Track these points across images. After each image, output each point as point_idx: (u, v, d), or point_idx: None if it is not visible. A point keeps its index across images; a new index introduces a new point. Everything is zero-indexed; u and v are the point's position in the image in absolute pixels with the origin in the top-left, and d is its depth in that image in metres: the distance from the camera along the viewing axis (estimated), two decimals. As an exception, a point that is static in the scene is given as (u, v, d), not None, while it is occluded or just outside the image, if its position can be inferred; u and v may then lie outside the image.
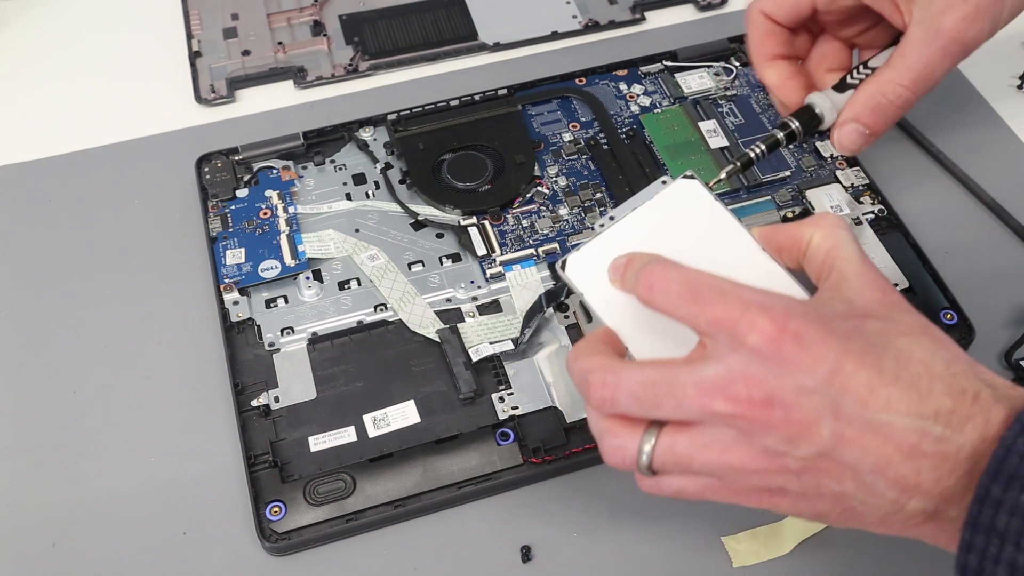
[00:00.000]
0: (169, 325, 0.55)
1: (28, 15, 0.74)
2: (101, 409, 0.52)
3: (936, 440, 0.32)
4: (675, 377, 0.34)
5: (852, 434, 0.32)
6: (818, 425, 0.32)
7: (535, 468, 0.48)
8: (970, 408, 0.32)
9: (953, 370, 0.33)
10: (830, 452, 0.33)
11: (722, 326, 0.34)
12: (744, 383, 0.33)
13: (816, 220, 0.38)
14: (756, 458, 0.34)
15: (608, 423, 0.36)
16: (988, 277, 0.56)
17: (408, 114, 0.63)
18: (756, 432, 0.33)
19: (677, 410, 0.34)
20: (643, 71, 0.67)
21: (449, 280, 0.56)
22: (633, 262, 0.39)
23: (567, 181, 0.60)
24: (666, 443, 0.35)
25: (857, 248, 0.37)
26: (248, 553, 0.47)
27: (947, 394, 0.32)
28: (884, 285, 0.36)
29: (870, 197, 0.59)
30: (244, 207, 0.59)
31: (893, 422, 0.32)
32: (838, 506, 0.34)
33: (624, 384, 0.35)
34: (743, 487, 0.35)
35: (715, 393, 0.33)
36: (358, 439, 0.50)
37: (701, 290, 0.35)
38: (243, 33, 0.72)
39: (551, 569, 0.46)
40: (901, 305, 0.36)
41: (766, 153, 0.46)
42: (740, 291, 0.34)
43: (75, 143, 0.65)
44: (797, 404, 0.32)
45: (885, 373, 0.32)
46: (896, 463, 0.32)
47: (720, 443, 0.34)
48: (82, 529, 0.48)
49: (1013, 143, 0.63)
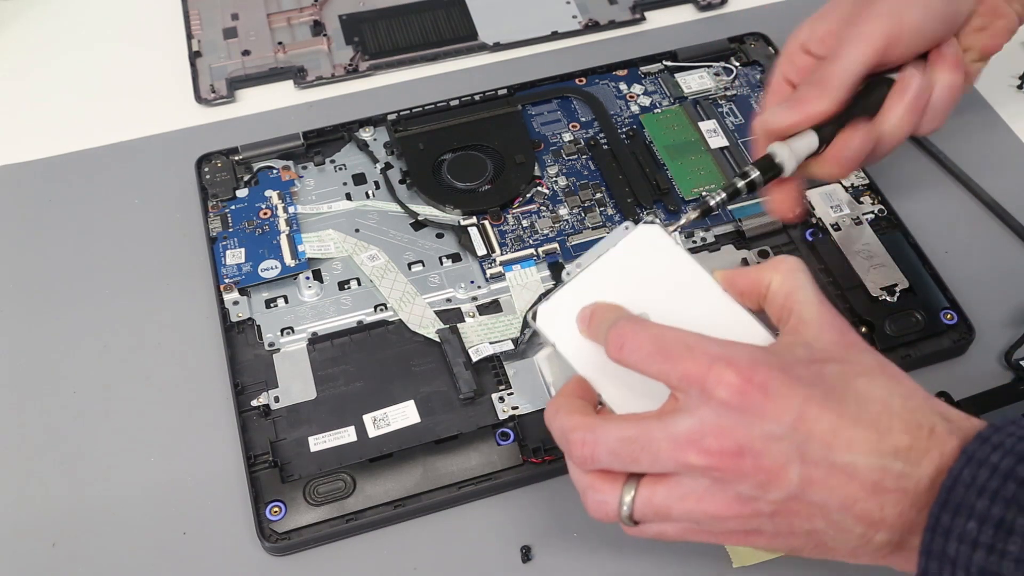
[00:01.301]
0: (169, 325, 0.55)
1: (28, 15, 0.74)
2: (101, 409, 0.52)
3: (897, 476, 0.34)
4: (650, 433, 0.36)
5: (819, 476, 0.34)
6: (787, 470, 0.34)
7: (535, 468, 0.48)
8: (927, 443, 0.34)
9: (910, 406, 0.35)
10: (799, 495, 0.34)
11: (691, 381, 0.35)
12: (715, 435, 0.35)
13: (775, 264, 0.40)
14: (731, 505, 0.36)
15: (590, 479, 0.38)
16: (988, 277, 0.56)
17: (408, 114, 0.63)
18: (729, 481, 0.35)
19: (654, 464, 0.36)
20: (643, 71, 0.67)
21: (449, 280, 0.56)
22: (597, 313, 0.40)
23: (567, 181, 0.60)
24: (645, 495, 0.37)
25: (815, 290, 0.39)
26: (248, 553, 0.47)
27: (905, 431, 0.34)
28: (842, 326, 0.38)
29: (870, 197, 0.59)
30: (244, 207, 0.59)
31: (856, 462, 0.34)
32: (811, 542, 0.36)
33: (603, 442, 0.37)
34: (720, 530, 0.37)
35: (688, 447, 0.35)
36: (358, 439, 0.50)
37: (669, 347, 0.36)
38: (243, 33, 0.72)
39: (551, 569, 0.46)
40: (859, 345, 0.37)
41: (726, 201, 0.46)
42: (706, 345, 0.36)
43: (75, 143, 0.65)
44: (766, 451, 0.34)
45: (846, 415, 0.34)
46: (861, 500, 0.34)
47: (695, 493, 0.36)
48: (82, 529, 0.48)
49: (1013, 143, 0.63)
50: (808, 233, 0.57)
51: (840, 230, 0.57)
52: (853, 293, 0.54)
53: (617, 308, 0.40)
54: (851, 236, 0.57)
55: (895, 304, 0.54)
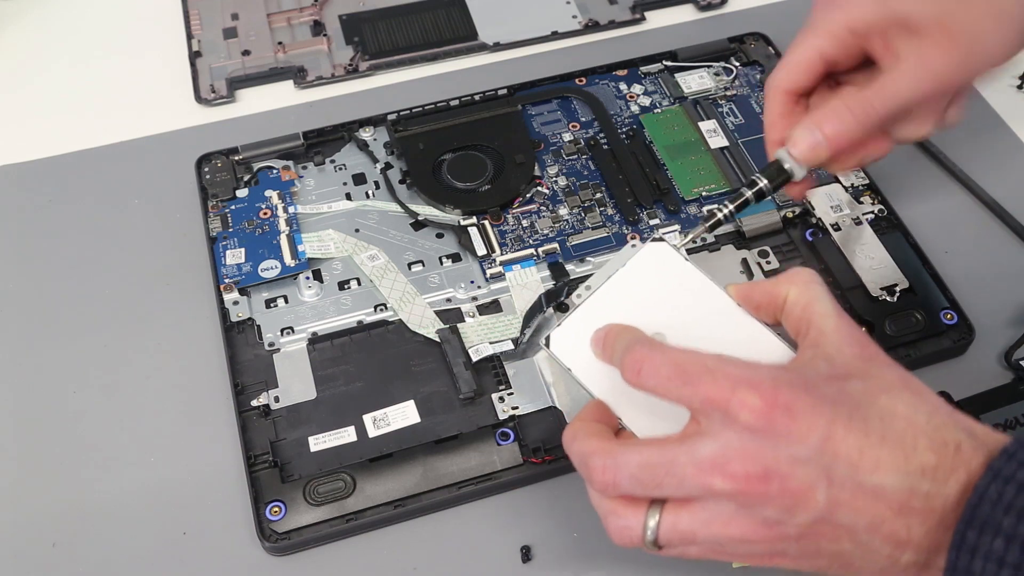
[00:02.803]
0: (169, 325, 0.55)
1: (28, 15, 0.74)
2: (101, 409, 0.52)
3: (924, 496, 0.33)
4: (673, 457, 0.35)
5: (846, 498, 0.34)
6: (813, 492, 0.34)
7: (535, 468, 0.48)
8: (953, 460, 0.34)
9: (935, 423, 0.34)
10: (826, 517, 0.34)
11: (714, 405, 0.35)
12: (740, 460, 0.34)
13: (790, 277, 0.39)
14: (757, 529, 0.35)
15: (611, 504, 0.38)
16: (988, 277, 0.56)
17: (408, 114, 0.63)
18: (755, 505, 0.34)
19: (678, 489, 0.36)
20: (643, 71, 0.67)
21: (449, 280, 0.56)
22: (611, 335, 0.40)
23: (567, 181, 0.60)
24: (670, 521, 0.36)
25: (832, 302, 0.38)
26: (248, 553, 0.47)
27: (931, 449, 0.34)
28: (862, 338, 0.37)
29: (870, 197, 0.59)
30: (244, 207, 0.59)
31: (884, 483, 0.33)
32: (837, 563, 0.36)
33: (624, 468, 0.36)
34: (745, 552, 0.36)
35: (713, 471, 0.34)
36: (358, 439, 0.50)
37: (688, 371, 0.36)
38: (243, 33, 0.72)
39: (551, 569, 0.46)
40: (880, 358, 0.37)
41: (734, 212, 0.46)
42: (726, 367, 0.35)
43: (75, 143, 0.65)
44: (792, 474, 0.34)
45: (872, 434, 0.34)
46: (889, 521, 0.34)
47: (720, 518, 0.35)
48: (82, 529, 0.48)
49: (1013, 143, 0.63)
50: (808, 233, 0.57)
51: (840, 230, 0.57)
52: (853, 293, 0.54)
53: (631, 330, 0.40)
54: (851, 236, 0.57)
55: (895, 304, 0.54)
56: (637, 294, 0.42)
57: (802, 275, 0.39)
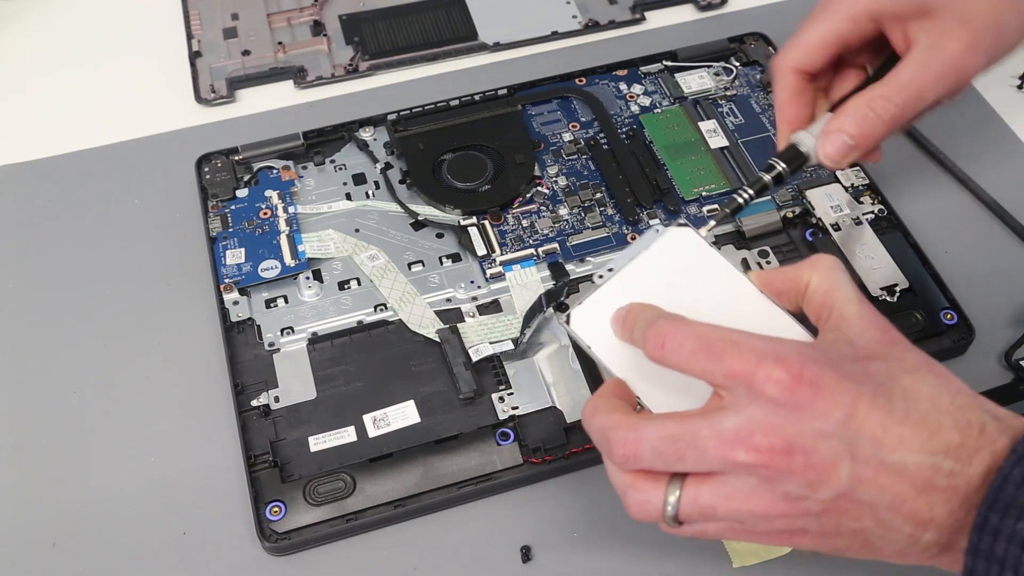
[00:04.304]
0: (169, 325, 0.55)
1: (28, 15, 0.74)
2: (101, 409, 0.52)
3: (947, 475, 0.33)
4: (695, 430, 0.35)
5: (869, 474, 0.33)
6: (837, 468, 0.33)
7: (535, 468, 0.48)
8: (977, 440, 0.33)
9: (958, 403, 0.34)
10: (849, 493, 0.34)
11: (738, 379, 0.34)
12: (764, 433, 0.34)
13: (813, 263, 0.39)
14: (778, 504, 0.35)
15: (631, 478, 0.37)
16: (988, 277, 0.56)
17: (408, 114, 0.63)
18: (777, 479, 0.34)
19: (699, 462, 0.35)
20: (643, 71, 0.67)
21: (449, 280, 0.56)
22: (632, 313, 0.40)
23: (567, 181, 0.60)
24: (691, 495, 0.36)
25: (854, 288, 0.38)
26: (248, 553, 0.47)
27: (955, 428, 0.33)
28: (883, 324, 0.37)
29: (870, 197, 0.59)
30: (244, 207, 0.59)
31: (907, 460, 0.33)
32: (857, 541, 0.35)
33: (646, 441, 0.36)
34: (765, 529, 0.36)
35: (736, 444, 0.34)
36: (358, 439, 0.50)
37: (713, 344, 0.35)
38: (243, 33, 0.72)
39: (551, 569, 0.46)
40: (902, 343, 0.37)
41: (754, 197, 0.46)
42: (752, 342, 0.35)
43: (75, 143, 0.65)
44: (816, 449, 0.33)
45: (895, 412, 0.34)
46: (911, 499, 0.33)
47: (742, 492, 0.35)
48: (82, 529, 0.48)
49: (1013, 143, 0.63)
50: (808, 233, 0.57)
51: (840, 230, 0.57)
52: (853, 293, 0.54)
53: (653, 307, 0.39)
54: (851, 236, 0.57)
55: (895, 304, 0.54)
56: (659, 277, 0.42)
57: (824, 261, 0.39)
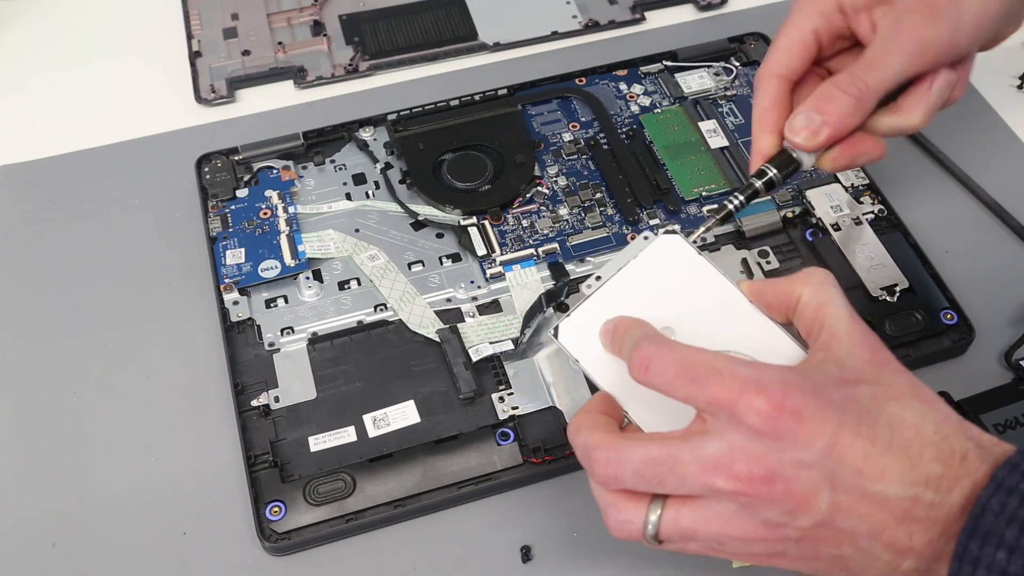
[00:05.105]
0: (169, 325, 0.55)
1: (28, 15, 0.74)
2: (101, 409, 0.52)
3: (927, 506, 0.33)
4: (677, 455, 0.35)
5: (849, 504, 0.34)
6: (816, 497, 0.34)
7: (535, 468, 0.48)
8: (958, 470, 0.34)
9: (943, 432, 0.34)
10: (828, 521, 0.34)
11: (721, 406, 0.35)
12: (745, 461, 0.34)
13: (805, 277, 0.39)
14: (757, 529, 0.35)
15: (612, 497, 0.38)
16: (988, 277, 0.56)
17: (408, 114, 0.63)
18: (757, 506, 0.34)
19: (680, 486, 0.36)
20: (643, 71, 0.67)
21: (449, 280, 0.56)
22: (619, 328, 0.40)
23: (567, 181, 0.60)
24: (671, 517, 0.36)
25: (845, 304, 0.38)
26: (248, 553, 0.47)
27: (937, 459, 0.34)
28: (873, 343, 0.37)
29: (870, 197, 0.59)
30: (244, 207, 0.59)
31: (887, 491, 0.33)
32: (836, 566, 0.36)
33: (628, 463, 0.36)
34: (744, 552, 0.37)
35: (717, 471, 0.34)
36: (358, 439, 0.50)
37: (696, 371, 0.35)
38: (243, 33, 0.72)
39: (551, 569, 0.46)
40: (891, 364, 0.37)
41: (745, 203, 0.45)
42: (735, 369, 0.35)
43: (75, 143, 0.65)
44: (796, 478, 0.34)
45: (879, 442, 0.34)
46: (890, 528, 0.34)
47: (722, 516, 0.35)
48: (82, 529, 0.48)
49: (1013, 143, 0.63)
50: (808, 233, 0.57)
51: (840, 230, 0.57)
52: (853, 293, 0.54)
53: (640, 324, 0.39)
54: (851, 236, 0.57)
55: (895, 304, 0.54)
56: (648, 286, 0.41)
57: (816, 275, 0.39)
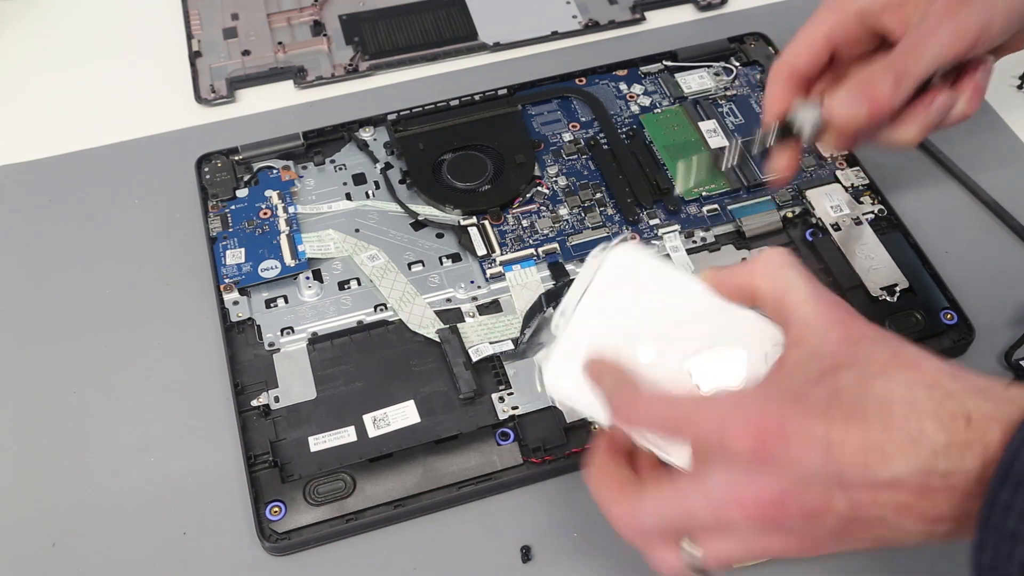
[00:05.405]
0: (169, 325, 0.55)
1: (28, 15, 0.74)
2: (101, 409, 0.52)
3: (942, 475, 0.33)
4: (686, 500, 0.36)
5: (865, 497, 0.33)
6: (832, 503, 0.33)
7: (535, 468, 0.48)
8: (965, 434, 0.33)
9: (936, 398, 0.33)
10: (854, 516, 0.34)
11: (707, 443, 0.35)
12: (750, 490, 0.34)
13: (759, 268, 0.38)
14: (788, 540, 0.35)
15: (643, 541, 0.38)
16: (988, 277, 0.56)
17: (408, 114, 0.63)
18: (780, 525, 0.35)
19: (702, 527, 0.36)
20: (643, 71, 0.67)
21: (449, 280, 0.56)
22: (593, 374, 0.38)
23: (567, 181, 0.60)
24: (708, 551, 0.36)
25: (806, 284, 0.37)
26: (248, 553, 0.47)
27: (940, 429, 0.33)
28: (843, 316, 0.36)
29: (870, 197, 0.59)
30: (244, 207, 0.59)
31: (897, 473, 0.33)
32: (876, 543, 0.35)
33: (647, 519, 0.37)
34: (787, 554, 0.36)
35: (728, 506, 0.35)
36: (358, 439, 0.50)
37: (674, 416, 0.35)
38: (243, 33, 0.72)
39: (551, 569, 0.46)
40: (866, 337, 0.36)
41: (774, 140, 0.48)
42: (710, 404, 0.35)
43: (75, 143, 0.65)
44: (804, 494, 0.34)
45: (873, 428, 0.33)
46: (913, 504, 0.33)
47: (751, 539, 0.36)
48: (82, 529, 0.48)
49: (1013, 143, 0.63)
50: (808, 233, 0.57)
51: (840, 230, 0.57)
52: (853, 293, 0.54)
53: (612, 368, 0.38)
54: (851, 236, 0.57)
55: (895, 304, 0.54)
56: (615, 307, 0.40)
57: (767, 264, 0.38)
